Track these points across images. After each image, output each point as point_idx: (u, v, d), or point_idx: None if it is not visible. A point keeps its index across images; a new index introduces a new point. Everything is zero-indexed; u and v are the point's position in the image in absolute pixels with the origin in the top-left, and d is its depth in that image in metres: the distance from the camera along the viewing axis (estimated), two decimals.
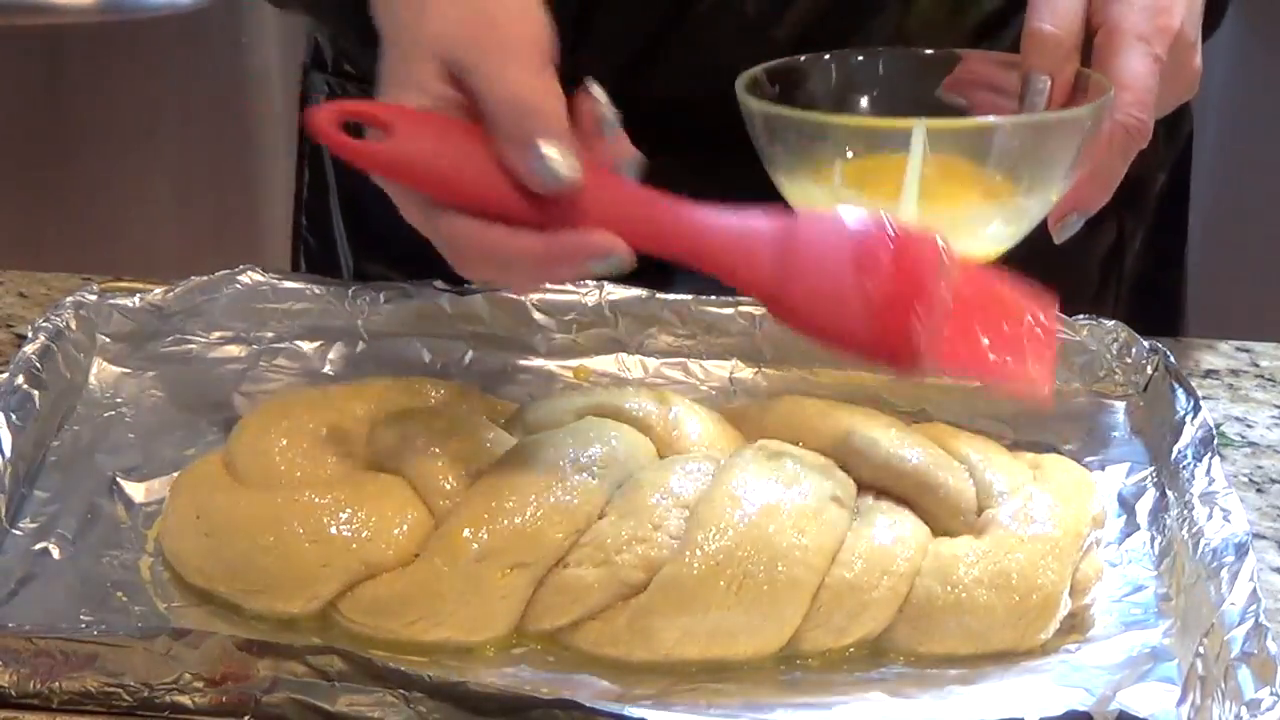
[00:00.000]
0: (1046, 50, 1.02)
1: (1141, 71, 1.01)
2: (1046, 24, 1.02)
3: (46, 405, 1.07)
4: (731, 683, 0.93)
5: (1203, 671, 0.90)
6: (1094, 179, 1.03)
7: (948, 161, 1.00)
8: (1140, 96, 1.01)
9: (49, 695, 0.89)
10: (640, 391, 1.07)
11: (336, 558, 0.95)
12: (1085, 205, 1.04)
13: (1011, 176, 1.00)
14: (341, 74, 1.30)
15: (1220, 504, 0.98)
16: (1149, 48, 1.02)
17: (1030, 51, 1.03)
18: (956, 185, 1.01)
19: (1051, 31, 1.02)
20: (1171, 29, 1.03)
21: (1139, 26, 1.02)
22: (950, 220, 1.00)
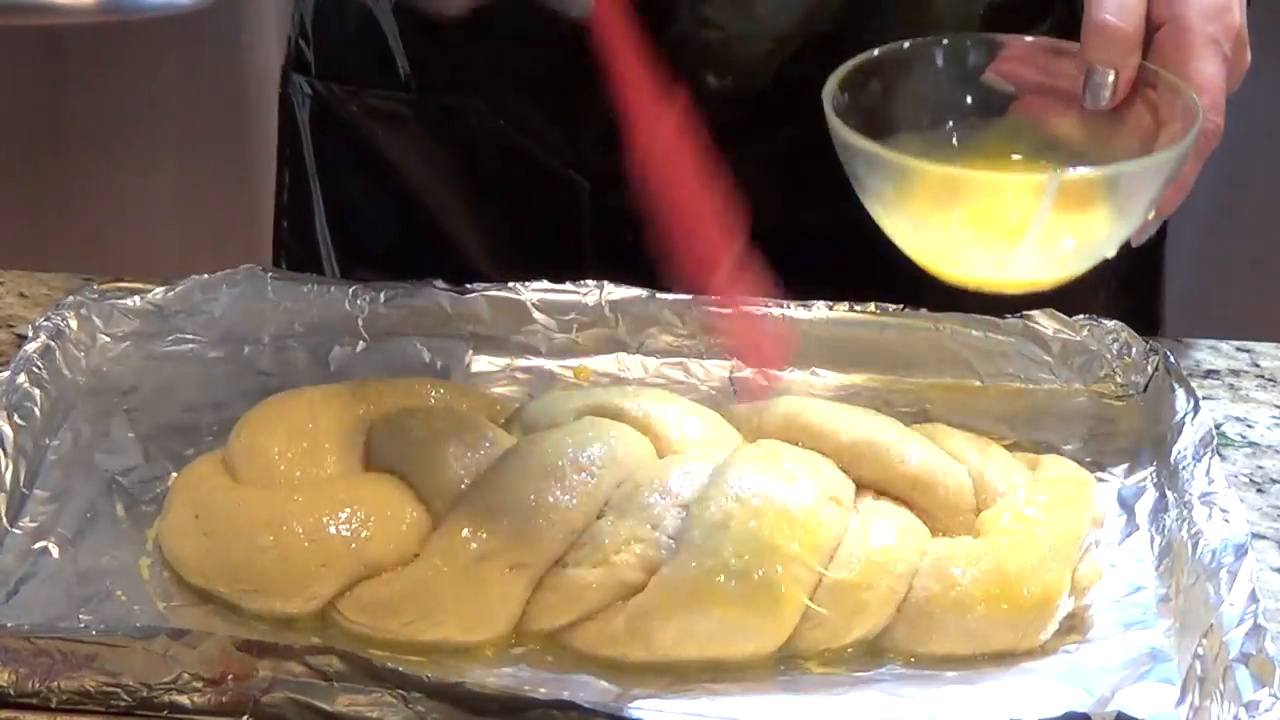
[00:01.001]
0: (1111, 43, 1.01)
1: (1215, 73, 1.01)
2: (1110, 16, 1.00)
3: (46, 404, 1.07)
4: (730, 683, 0.93)
5: (1201, 672, 0.90)
6: (1178, 188, 1.02)
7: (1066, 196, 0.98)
8: (1217, 99, 1.01)
9: (48, 695, 0.89)
10: (640, 391, 1.07)
11: (335, 558, 0.95)
12: (1165, 210, 1.04)
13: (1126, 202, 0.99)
14: (326, 76, 1.30)
15: (1220, 504, 0.98)
16: (1219, 48, 1.01)
17: (1093, 44, 1.01)
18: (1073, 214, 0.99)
19: (1116, 24, 1.00)
20: (1235, 27, 1.03)
21: (1207, 27, 1.01)
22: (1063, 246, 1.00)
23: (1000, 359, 1.17)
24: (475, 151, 1.27)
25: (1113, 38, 1.01)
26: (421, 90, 1.26)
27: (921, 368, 1.17)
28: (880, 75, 1.06)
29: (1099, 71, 1.01)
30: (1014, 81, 1.07)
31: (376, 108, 1.28)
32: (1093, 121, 1.04)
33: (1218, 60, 1.01)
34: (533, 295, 1.18)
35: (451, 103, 1.26)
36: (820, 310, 1.17)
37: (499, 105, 1.25)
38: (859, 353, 1.17)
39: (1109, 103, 1.02)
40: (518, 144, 1.25)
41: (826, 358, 1.17)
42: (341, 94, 1.29)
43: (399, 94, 1.27)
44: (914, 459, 1.01)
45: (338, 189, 1.33)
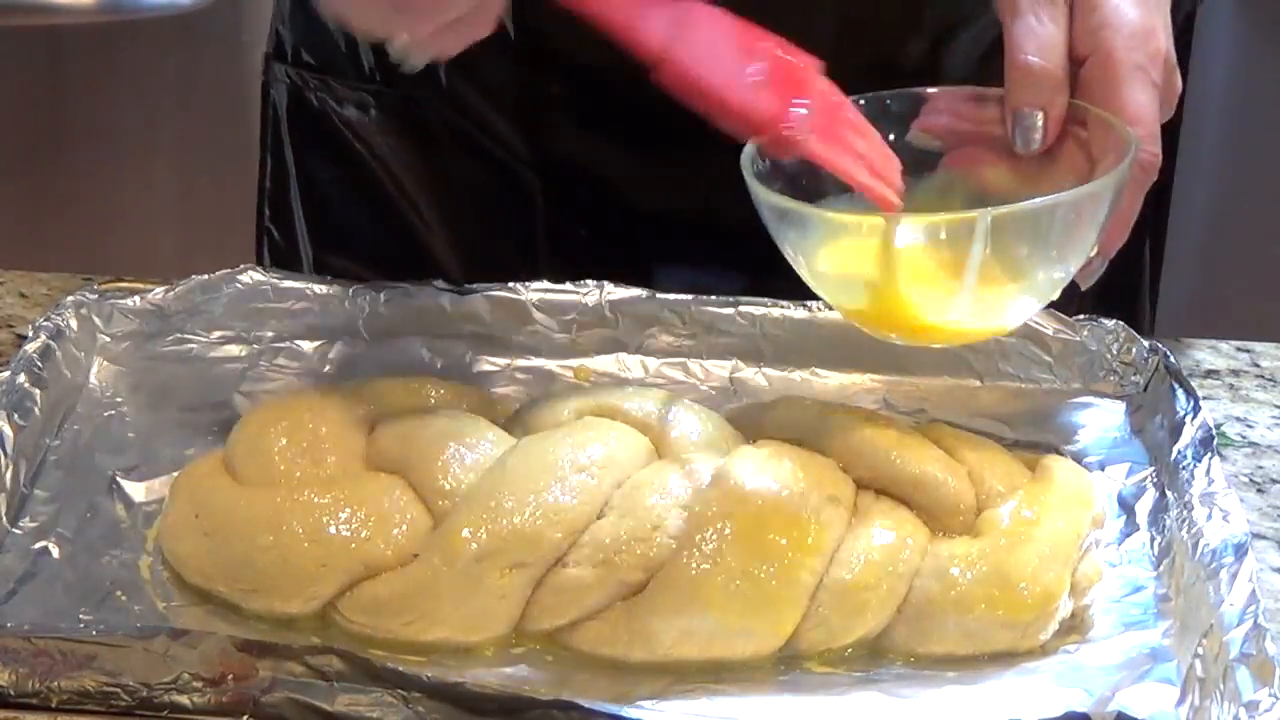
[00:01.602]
0: (1036, 84, 0.99)
1: (1146, 102, 0.98)
2: (1033, 56, 0.98)
3: (47, 404, 1.07)
4: (730, 683, 0.93)
5: (1201, 673, 0.90)
6: (1117, 222, 0.99)
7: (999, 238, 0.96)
8: (1150, 129, 0.98)
9: (48, 695, 0.89)
10: (640, 391, 1.07)
11: (335, 557, 0.95)
12: (1109, 250, 1.01)
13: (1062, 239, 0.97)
14: (300, 64, 1.31)
15: (1220, 504, 0.98)
16: (1147, 76, 0.99)
17: (1018, 87, 0.99)
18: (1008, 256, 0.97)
19: (1040, 64, 0.98)
20: (1161, 52, 1.00)
21: (1133, 55, 0.99)
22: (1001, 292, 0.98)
23: (1000, 359, 1.17)
24: (435, 145, 1.28)
25: (1038, 78, 0.98)
26: (385, 82, 1.28)
27: (921, 368, 1.17)
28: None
29: (1027, 114, 0.99)
30: (941, 135, 1.05)
31: (345, 98, 1.29)
32: (1026, 167, 1.02)
33: (1147, 89, 0.99)
34: (533, 295, 1.18)
35: (412, 96, 1.27)
36: (820, 310, 1.17)
37: (457, 100, 1.26)
38: (859, 353, 1.17)
39: (1041, 145, 1.00)
40: (475, 138, 1.27)
41: (826, 358, 1.17)
42: (314, 83, 1.31)
43: (365, 85, 1.28)
44: (914, 459, 1.00)
45: (312, 176, 1.34)
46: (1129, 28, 0.99)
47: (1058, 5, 0.99)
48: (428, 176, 1.29)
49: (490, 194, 1.28)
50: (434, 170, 1.29)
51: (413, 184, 1.29)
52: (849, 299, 1.01)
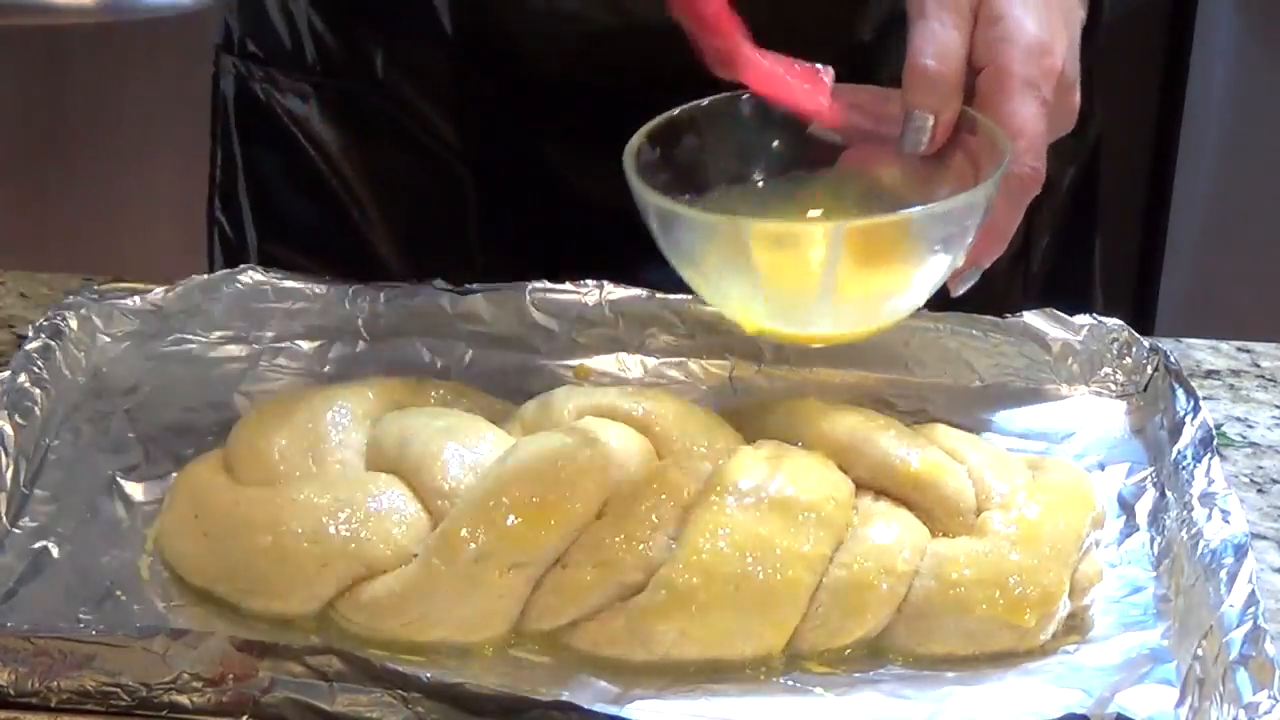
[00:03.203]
0: (930, 87, 0.99)
1: (1032, 117, 0.99)
2: (931, 60, 0.99)
3: (47, 404, 1.07)
4: (730, 683, 0.93)
5: (1201, 674, 0.90)
6: (991, 234, 1.00)
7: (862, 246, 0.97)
8: (1033, 144, 0.99)
9: (47, 694, 0.89)
10: (640, 391, 1.07)
11: (335, 558, 0.95)
12: (983, 260, 1.01)
13: (925, 249, 0.97)
14: (246, 55, 1.32)
15: (1220, 505, 0.98)
16: (1037, 92, 0.99)
17: (912, 88, 1.00)
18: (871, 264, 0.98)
19: (935, 68, 0.99)
20: (1055, 70, 1.00)
21: (1026, 70, 0.99)
22: (864, 297, 0.99)
23: (1000, 359, 1.17)
24: (372, 137, 1.29)
25: (932, 82, 0.99)
26: (325, 74, 1.28)
27: (921, 368, 1.17)
28: (695, 130, 1.04)
29: (918, 116, 0.99)
30: (841, 130, 1.05)
31: (288, 89, 1.30)
32: (918, 169, 1.02)
33: (1035, 104, 0.99)
34: (533, 295, 1.18)
35: (350, 88, 1.28)
36: None
37: (393, 93, 1.27)
38: (859, 352, 1.17)
39: (926, 148, 1.00)
40: (410, 132, 1.27)
41: (827, 358, 1.17)
42: (259, 74, 1.32)
43: (307, 77, 1.29)
44: (914, 459, 1.00)
45: (257, 167, 1.35)
46: (1026, 42, 0.99)
47: (961, 13, 1.00)
48: (366, 168, 1.30)
49: (426, 187, 1.29)
50: (372, 162, 1.30)
51: (353, 176, 1.30)
52: (721, 297, 1.01)
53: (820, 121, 1.00)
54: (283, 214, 1.33)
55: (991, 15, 1.00)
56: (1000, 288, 1.29)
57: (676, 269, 1.00)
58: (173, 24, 2.30)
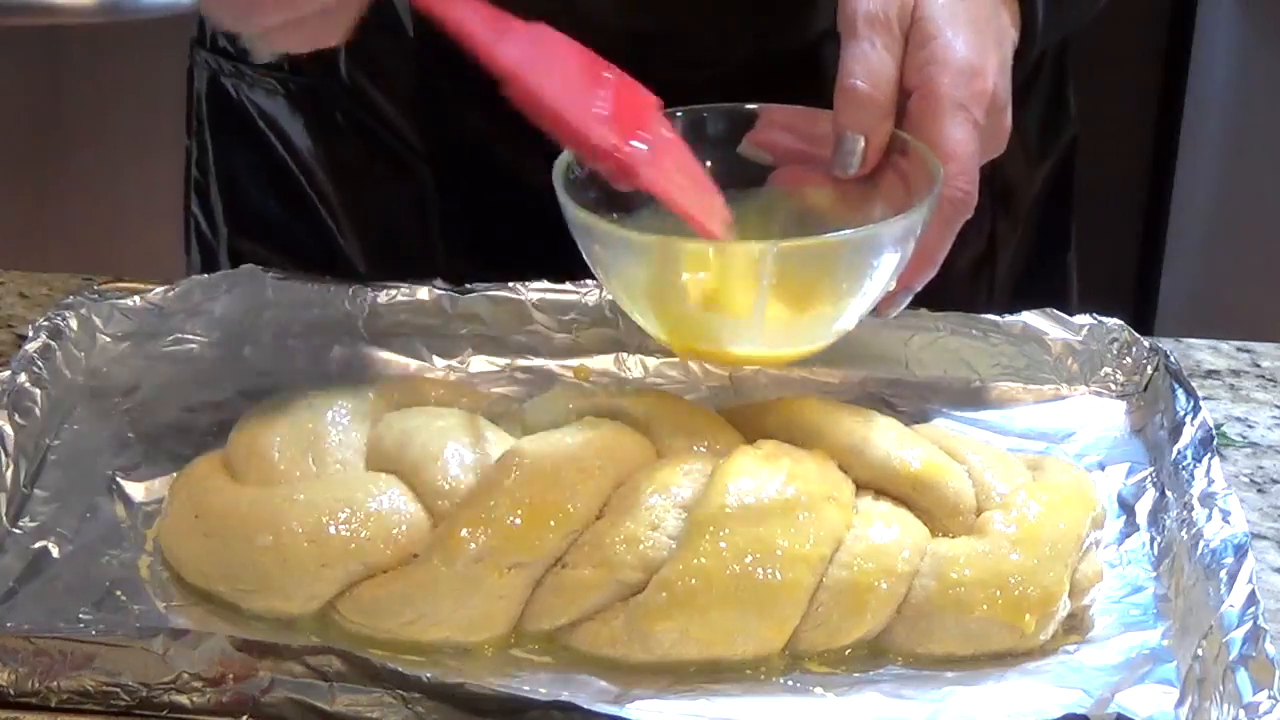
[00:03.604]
0: (860, 109, 1.00)
1: (963, 139, 0.99)
2: (860, 82, 0.99)
3: (47, 404, 1.07)
4: (730, 683, 0.93)
5: (1201, 674, 0.90)
6: (921, 256, 1.00)
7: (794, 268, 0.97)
8: (964, 166, 0.99)
9: (47, 694, 0.89)
10: (640, 391, 1.07)
11: (335, 557, 0.95)
12: (914, 283, 1.02)
13: (857, 273, 0.98)
14: (217, 50, 1.32)
15: (1220, 505, 0.98)
16: (968, 114, 1.00)
17: (843, 110, 1.00)
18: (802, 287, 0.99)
19: (866, 90, 0.99)
20: (986, 92, 1.01)
21: (956, 92, 0.99)
22: (795, 319, 1.00)
23: (1000, 359, 1.17)
24: (337, 134, 1.29)
25: (863, 103, 1.00)
26: (291, 70, 1.29)
27: (921, 368, 1.17)
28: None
29: (849, 138, 1.00)
30: (771, 150, 1.06)
31: (257, 84, 1.30)
32: (849, 190, 1.03)
33: (966, 126, 0.99)
34: (533, 295, 1.18)
35: (316, 86, 1.28)
36: None
37: (356, 92, 1.27)
38: (859, 352, 1.17)
39: (858, 170, 1.01)
40: (373, 130, 1.28)
41: (826, 358, 1.17)
42: (229, 69, 1.32)
43: (274, 73, 1.29)
44: (914, 459, 1.00)
45: (228, 162, 1.35)
46: (957, 65, 1.00)
47: (893, 34, 1.00)
48: (331, 165, 1.30)
49: (389, 185, 1.29)
50: (336, 159, 1.30)
51: (318, 172, 1.31)
52: (650, 318, 1.02)
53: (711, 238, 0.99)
54: (252, 209, 1.34)
55: (922, 37, 1.01)
56: (963, 293, 1.29)
57: (606, 289, 1.01)
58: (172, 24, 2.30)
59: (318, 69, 1.27)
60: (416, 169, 1.28)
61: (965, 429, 1.11)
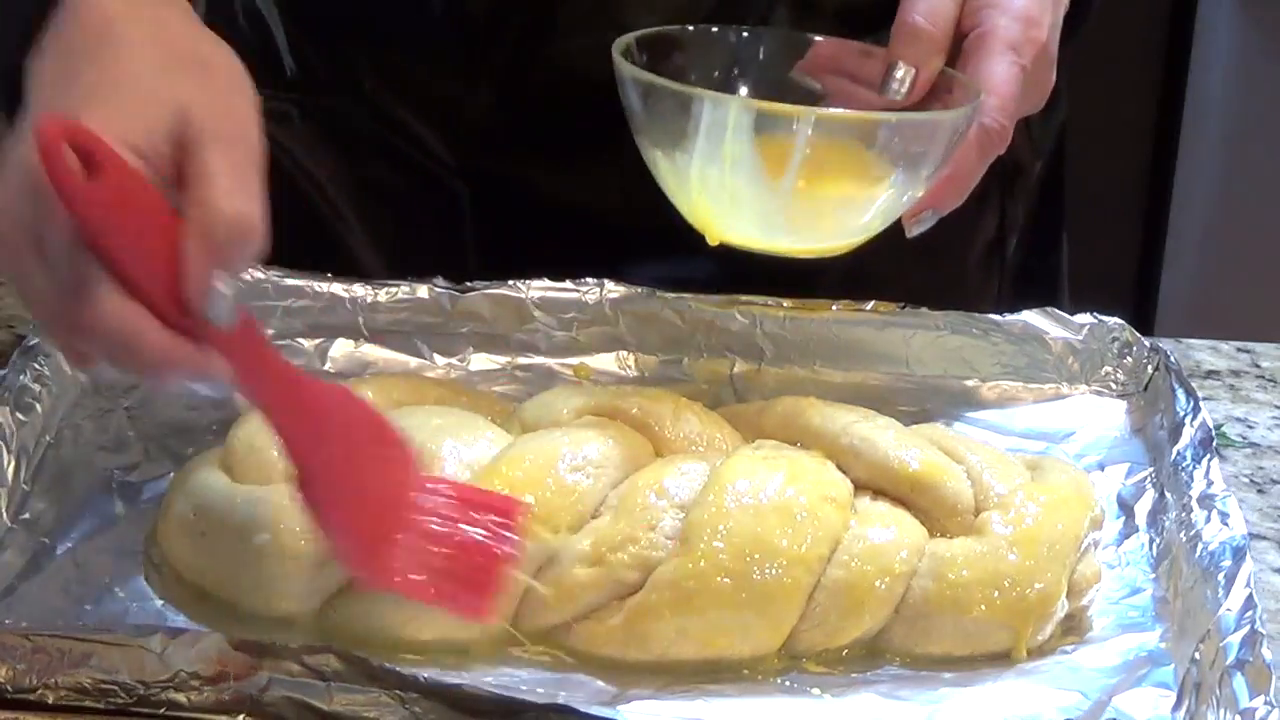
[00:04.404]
0: (917, 42, 1.03)
1: (1008, 78, 1.03)
2: (920, 17, 1.03)
3: (48, 401, 1.07)
4: (728, 683, 0.93)
5: (1198, 678, 0.89)
6: (952, 180, 1.03)
7: (828, 150, 1.00)
8: (1005, 103, 1.02)
9: (45, 692, 0.89)
10: (639, 390, 1.07)
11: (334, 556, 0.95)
12: (941, 204, 1.05)
13: (886, 169, 1.01)
14: None
15: (1219, 507, 0.98)
16: (1017, 57, 1.03)
17: (899, 41, 1.03)
18: (833, 174, 1.01)
19: (925, 25, 1.03)
20: (1039, 41, 1.04)
21: (1010, 34, 1.03)
22: (823, 208, 1.02)
23: (1000, 359, 1.17)
24: (359, 153, 1.28)
25: (919, 37, 1.03)
26: (307, 91, 1.27)
27: (921, 367, 1.17)
28: (684, 50, 1.08)
29: (900, 67, 1.03)
30: (821, 79, 1.09)
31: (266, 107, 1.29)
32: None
33: (1013, 67, 1.03)
34: (533, 293, 1.18)
35: (335, 104, 1.27)
36: (821, 309, 1.17)
37: (381, 109, 1.26)
38: (859, 353, 1.17)
39: (903, 98, 1.03)
40: (399, 147, 1.27)
41: (826, 357, 1.17)
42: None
43: (286, 94, 1.28)
44: (913, 459, 1.00)
45: None
46: (1015, 11, 1.04)
47: None
48: (352, 185, 1.29)
49: (416, 202, 1.29)
50: (358, 178, 1.29)
51: (337, 192, 1.29)
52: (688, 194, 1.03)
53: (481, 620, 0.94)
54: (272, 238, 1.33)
55: None
56: (977, 279, 1.30)
57: (648, 161, 1.03)
58: None
59: (338, 87, 1.26)
60: (450, 186, 1.27)
61: (965, 429, 1.11)
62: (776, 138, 0.99)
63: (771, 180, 1.00)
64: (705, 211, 1.03)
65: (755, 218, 1.02)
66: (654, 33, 1.06)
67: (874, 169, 1.01)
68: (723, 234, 1.04)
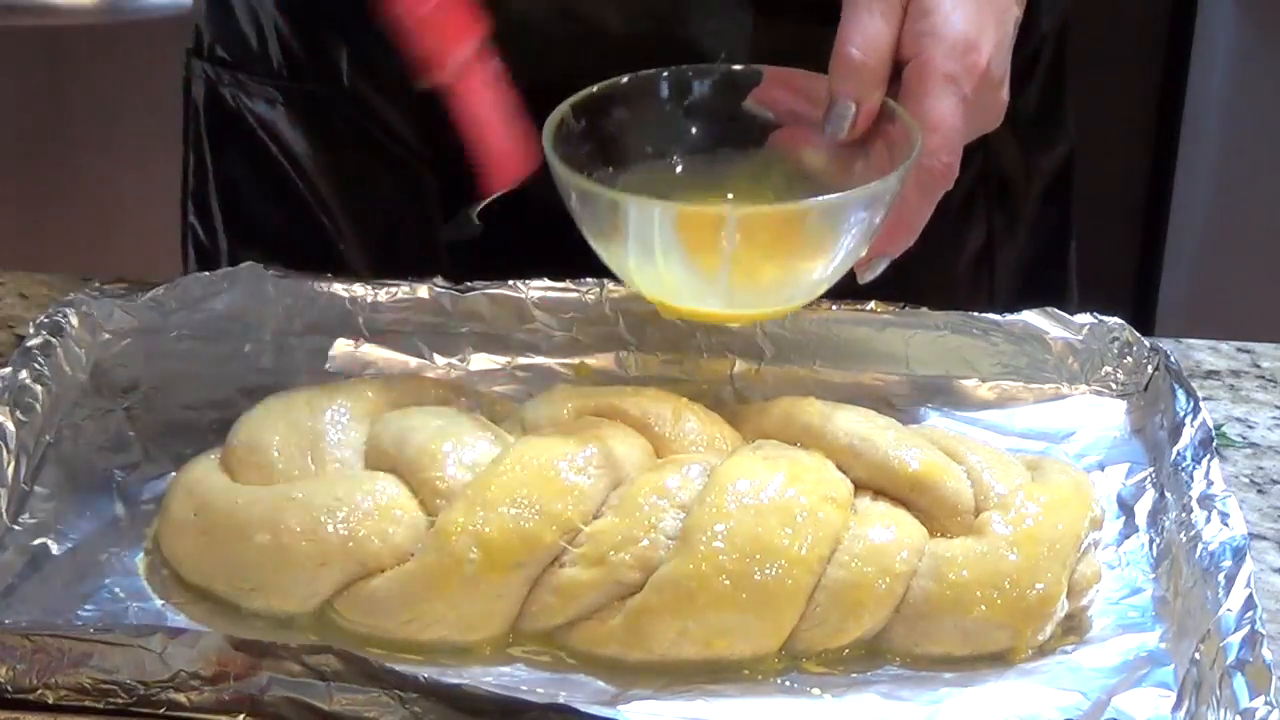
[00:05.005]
0: (854, 76, 1.02)
1: (949, 113, 1.01)
2: (856, 50, 1.01)
3: (47, 401, 1.07)
4: (728, 683, 0.93)
5: (1198, 678, 0.89)
6: (900, 225, 1.02)
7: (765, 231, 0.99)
8: (947, 139, 1.01)
9: (45, 691, 0.89)
10: (639, 391, 1.07)
11: (333, 556, 0.95)
12: (891, 249, 1.04)
13: (828, 237, 1.00)
14: (215, 60, 1.32)
15: (1219, 507, 0.98)
16: (958, 88, 1.01)
17: (838, 76, 1.02)
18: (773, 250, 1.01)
19: (861, 59, 1.01)
20: (979, 67, 1.02)
21: (948, 65, 1.01)
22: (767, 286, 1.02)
23: (1000, 359, 1.17)
24: (339, 142, 1.29)
25: (857, 71, 1.01)
26: (291, 79, 1.28)
27: (922, 367, 1.17)
28: (625, 104, 1.07)
29: (841, 103, 1.02)
30: (773, 108, 1.08)
31: (256, 93, 1.30)
32: (841, 155, 1.04)
33: (954, 99, 1.01)
34: (533, 293, 1.18)
35: (317, 93, 1.28)
36: (821, 309, 1.17)
37: (358, 98, 1.27)
38: (859, 352, 1.17)
39: (846, 135, 1.02)
40: (376, 137, 1.27)
41: (827, 356, 1.17)
42: (228, 79, 1.31)
43: (273, 81, 1.29)
44: (913, 459, 1.00)
45: (228, 172, 1.35)
46: (953, 38, 1.02)
47: (892, 4, 1.02)
48: (333, 173, 1.30)
49: (392, 192, 1.29)
50: (339, 167, 1.30)
51: (320, 180, 1.30)
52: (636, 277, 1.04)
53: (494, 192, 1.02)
54: (253, 219, 1.34)
55: (921, 9, 1.02)
56: (966, 289, 1.30)
57: (595, 249, 1.03)
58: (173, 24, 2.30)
59: (319, 76, 1.27)
60: (421, 175, 1.27)
61: (965, 429, 1.11)
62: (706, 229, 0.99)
63: (709, 270, 1.00)
64: (653, 294, 1.04)
65: (701, 299, 1.03)
66: (589, 95, 1.06)
67: (812, 244, 1.00)
68: (674, 311, 1.05)
